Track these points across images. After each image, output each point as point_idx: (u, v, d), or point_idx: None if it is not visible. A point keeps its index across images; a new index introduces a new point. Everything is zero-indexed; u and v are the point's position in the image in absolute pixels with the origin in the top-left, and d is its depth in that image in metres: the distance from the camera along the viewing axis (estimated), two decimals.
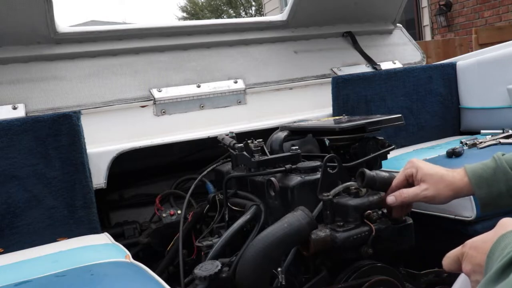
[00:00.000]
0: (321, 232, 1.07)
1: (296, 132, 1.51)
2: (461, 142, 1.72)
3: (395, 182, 1.09)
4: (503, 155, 0.99)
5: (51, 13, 1.73)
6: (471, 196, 1.37)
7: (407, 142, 2.05)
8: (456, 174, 1.01)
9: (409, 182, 1.07)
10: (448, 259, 0.80)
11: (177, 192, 1.80)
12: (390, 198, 1.07)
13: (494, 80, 2.01)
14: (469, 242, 0.76)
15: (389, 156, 1.42)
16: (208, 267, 1.07)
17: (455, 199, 1.05)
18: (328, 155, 1.19)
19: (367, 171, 1.08)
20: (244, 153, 1.32)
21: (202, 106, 1.97)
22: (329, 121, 1.61)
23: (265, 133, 1.58)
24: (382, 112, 2.03)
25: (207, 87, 1.99)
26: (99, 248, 1.22)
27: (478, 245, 0.74)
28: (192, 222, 1.57)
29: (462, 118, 2.21)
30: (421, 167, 1.04)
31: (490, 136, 1.77)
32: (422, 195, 1.02)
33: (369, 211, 1.10)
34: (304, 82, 2.19)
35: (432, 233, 1.50)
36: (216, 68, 2.08)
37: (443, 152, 1.63)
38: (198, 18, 24.07)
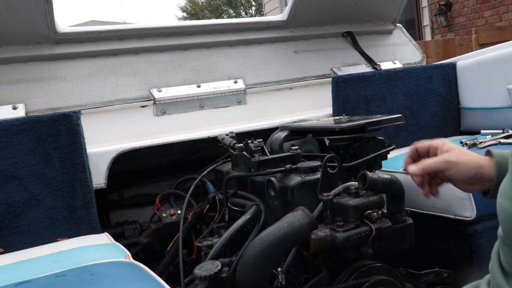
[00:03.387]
0: (321, 232, 1.07)
1: (296, 132, 1.51)
2: (461, 142, 1.72)
3: (414, 146, 1.04)
4: None
5: (51, 13, 1.73)
6: (471, 196, 1.37)
7: (407, 142, 2.04)
8: (483, 156, 0.98)
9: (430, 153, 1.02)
10: None
11: (177, 192, 1.80)
12: (412, 168, 1.00)
13: (494, 80, 2.01)
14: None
15: (389, 156, 1.42)
16: (208, 267, 1.07)
17: (453, 199, 1.04)
18: (328, 155, 1.19)
19: (369, 174, 1.08)
20: (244, 153, 1.32)
21: (202, 106, 1.97)
22: (329, 121, 1.61)
23: (265, 133, 1.58)
24: (382, 112, 2.03)
25: (207, 87, 1.99)
26: (99, 248, 1.22)
27: None
28: (192, 222, 1.57)
29: (462, 118, 2.21)
30: (448, 142, 1.01)
31: (490, 136, 1.77)
32: (444, 158, 0.96)
33: (369, 211, 1.10)
34: (304, 82, 2.19)
35: (432, 233, 1.50)
36: (216, 68, 2.08)
37: None
38: (198, 18, 24.08)
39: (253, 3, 25.12)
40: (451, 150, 0.98)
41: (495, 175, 0.93)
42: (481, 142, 1.69)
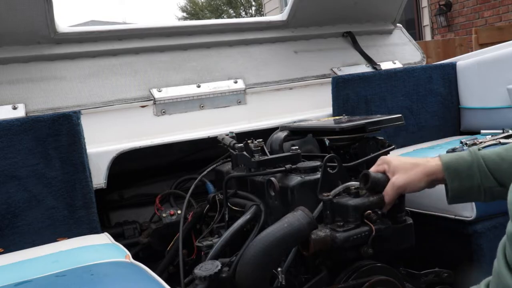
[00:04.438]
0: (321, 232, 1.07)
1: (296, 132, 1.52)
2: (461, 142, 1.72)
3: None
4: (479, 150, 1.01)
5: (51, 13, 1.73)
6: None
7: (407, 142, 2.05)
8: (431, 160, 1.04)
9: None
10: None
11: (177, 192, 1.80)
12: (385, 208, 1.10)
13: (494, 80, 2.01)
14: None
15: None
16: (208, 267, 1.06)
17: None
18: (328, 155, 1.19)
19: (372, 173, 1.08)
20: (244, 153, 1.32)
21: (202, 106, 1.97)
22: (329, 121, 1.61)
23: (265, 133, 1.58)
24: (382, 112, 2.03)
25: (207, 87, 1.99)
26: (99, 248, 1.22)
27: None
28: (192, 222, 1.57)
29: (462, 118, 2.21)
30: (391, 160, 1.07)
31: (490, 136, 1.77)
32: (396, 186, 1.04)
33: (369, 211, 1.10)
34: (304, 82, 2.19)
35: (432, 233, 1.50)
36: (216, 68, 2.08)
37: (443, 152, 1.63)
38: (198, 18, 24.09)
39: (253, 3, 25.13)
40: (397, 170, 1.05)
41: (446, 177, 1.00)
42: (481, 142, 1.68)
